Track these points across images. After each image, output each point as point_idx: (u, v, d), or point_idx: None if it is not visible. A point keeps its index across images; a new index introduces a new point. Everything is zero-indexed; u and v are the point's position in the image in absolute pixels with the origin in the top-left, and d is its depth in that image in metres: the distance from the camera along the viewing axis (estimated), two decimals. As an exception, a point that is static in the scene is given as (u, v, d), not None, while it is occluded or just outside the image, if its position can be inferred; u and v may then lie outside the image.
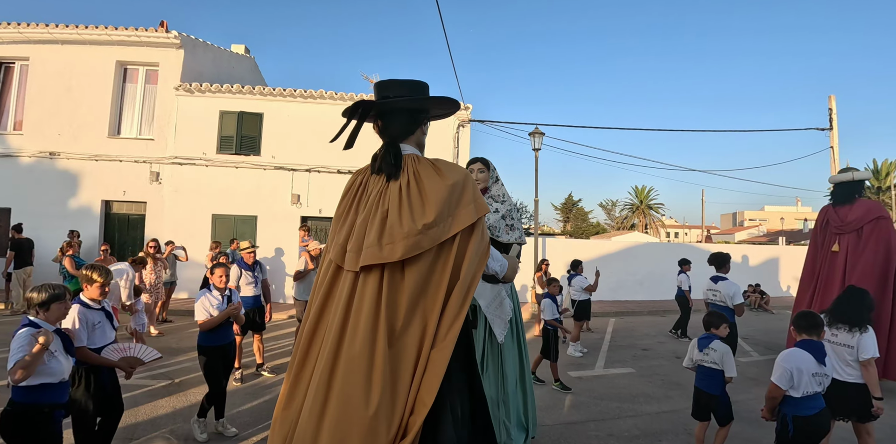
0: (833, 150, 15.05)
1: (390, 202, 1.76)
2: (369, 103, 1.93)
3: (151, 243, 8.07)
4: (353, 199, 1.95)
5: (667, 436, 4.24)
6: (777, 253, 17.02)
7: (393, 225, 1.69)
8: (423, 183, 1.77)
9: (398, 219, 1.70)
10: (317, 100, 11.96)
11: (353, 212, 1.90)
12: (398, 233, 1.67)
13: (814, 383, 2.76)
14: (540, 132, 11.39)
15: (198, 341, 3.96)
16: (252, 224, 11.65)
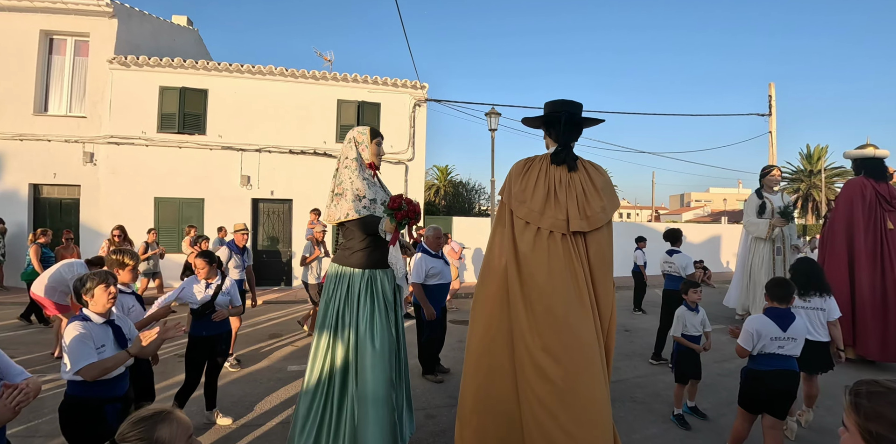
0: (771, 134, 15.89)
1: (578, 189, 2.61)
2: (575, 116, 2.77)
3: (116, 232, 7.37)
4: (540, 180, 2.65)
5: (615, 404, 4.41)
6: (719, 231, 18.00)
7: (587, 206, 2.57)
8: (594, 177, 2.68)
9: (588, 202, 2.58)
10: (266, 76, 11.42)
11: (546, 190, 2.61)
12: (592, 210, 2.56)
13: (773, 345, 3.00)
14: (496, 113, 11.38)
15: (190, 331, 3.68)
16: (199, 207, 11.13)
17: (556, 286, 2.47)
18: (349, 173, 3.11)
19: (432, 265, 4.90)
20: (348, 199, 3.04)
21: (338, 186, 3.10)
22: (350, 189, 3.06)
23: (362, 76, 11.93)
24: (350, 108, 11.92)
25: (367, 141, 3.20)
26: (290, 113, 11.59)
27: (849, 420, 1.01)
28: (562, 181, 2.63)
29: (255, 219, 11.49)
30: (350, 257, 3.07)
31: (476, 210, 35.03)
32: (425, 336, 5.00)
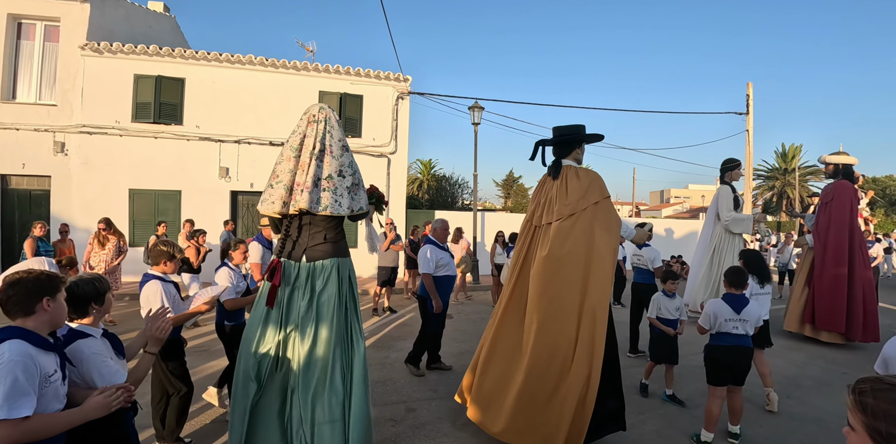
0: (749, 133, 16.21)
1: (553, 192, 3.52)
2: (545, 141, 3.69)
3: (101, 225, 7.06)
4: (540, 189, 3.72)
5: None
6: (697, 227, 18.31)
7: (553, 204, 3.46)
8: (568, 183, 3.46)
9: (555, 201, 3.45)
10: (246, 66, 11.18)
11: (540, 196, 3.65)
12: (557, 207, 3.41)
13: (728, 325, 3.46)
14: (479, 107, 11.35)
15: (225, 321, 3.85)
16: (175, 200, 10.88)
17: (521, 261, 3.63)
18: (352, 158, 2.95)
19: (441, 256, 4.96)
20: (364, 188, 3.01)
21: (353, 176, 2.89)
22: (361, 179, 2.97)
23: (345, 68, 11.76)
24: (332, 99, 11.75)
25: None
26: (270, 104, 11.37)
27: (854, 420, 0.97)
28: (546, 188, 3.64)
29: (233, 212, 11.29)
30: (346, 249, 3.06)
31: (459, 204, 35.05)
32: (430, 328, 5.00)
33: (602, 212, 3.34)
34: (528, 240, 3.60)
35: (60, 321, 1.83)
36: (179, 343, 3.36)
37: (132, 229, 10.60)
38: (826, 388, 4.96)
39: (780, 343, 6.50)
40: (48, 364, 1.67)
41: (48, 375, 1.66)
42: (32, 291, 1.70)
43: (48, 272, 1.78)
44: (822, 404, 4.48)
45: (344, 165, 2.88)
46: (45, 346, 1.69)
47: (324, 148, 2.85)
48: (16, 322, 1.70)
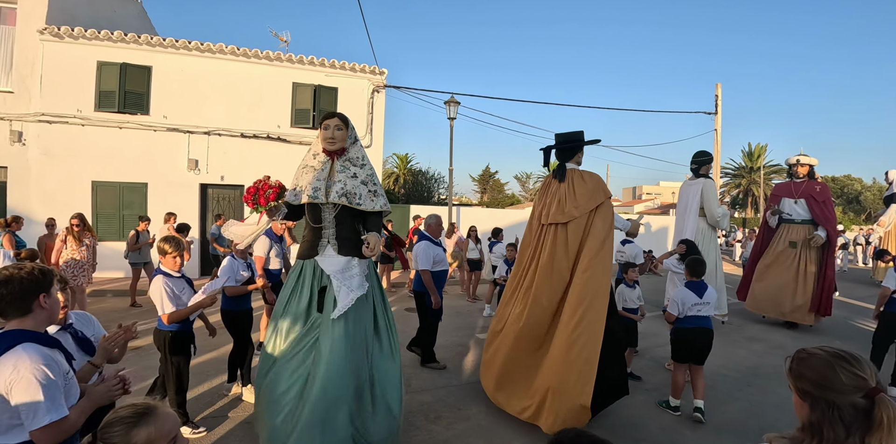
0: (717, 132, 16.69)
1: (561, 194, 3.86)
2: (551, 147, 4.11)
3: (75, 222, 6.59)
4: (545, 190, 4.06)
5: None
6: (667, 223, 18.80)
7: (564, 205, 3.79)
8: (575, 186, 3.83)
9: (565, 202, 3.79)
10: (216, 55, 10.86)
11: (547, 197, 3.99)
12: (566, 208, 3.76)
13: (693, 309, 3.93)
14: (455, 101, 11.34)
15: (230, 307, 4.10)
16: (142, 193, 10.53)
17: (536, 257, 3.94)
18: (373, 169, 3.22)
19: (437, 252, 5.00)
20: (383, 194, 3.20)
21: (374, 184, 3.12)
22: (380, 185, 3.22)
23: (319, 59, 11.56)
24: (306, 91, 11.55)
25: None
26: (242, 95, 11.10)
27: (789, 382, 1.24)
28: (552, 190, 3.99)
29: (203, 205, 10.99)
30: None
31: (435, 199, 35.05)
32: (429, 323, 5.03)
33: (606, 210, 3.82)
34: (539, 238, 3.98)
35: (56, 318, 1.77)
36: (188, 338, 3.45)
37: (95, 223, 10.20)
38: (783, 375, 5.17)
39: (742, 335, 6.77)
40: (62, 362, 1.64)
41: (65, 372, 1.63)
42: (27, 288, 1.59)
43: (40, 266, 1.69)
44: (782, 390, 4.68)
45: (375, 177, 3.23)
46: (52, 344, 1.65)
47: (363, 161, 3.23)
48: (12, 323, 1.60)
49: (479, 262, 9.23)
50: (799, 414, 1.22)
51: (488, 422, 3.76)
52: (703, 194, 7.13)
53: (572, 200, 3.79)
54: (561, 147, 4.05)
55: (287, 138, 11.31)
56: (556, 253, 3.76)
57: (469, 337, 6.39)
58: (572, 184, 3.85)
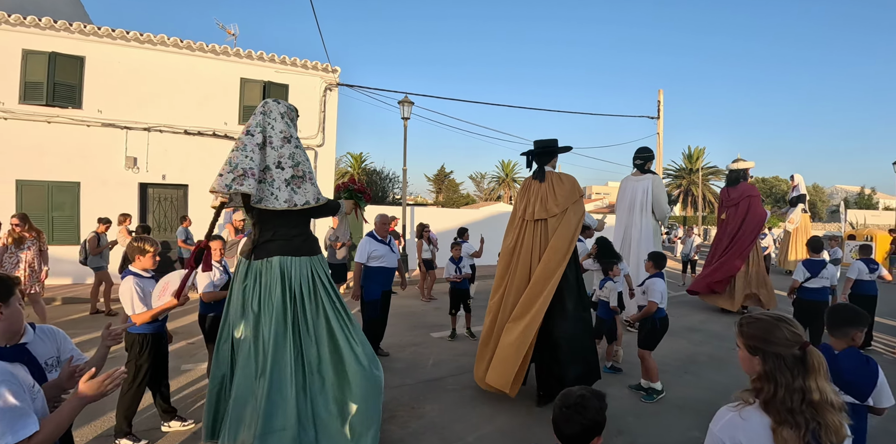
0: (659, 135, 17.57)
1: (542, 193, 4.31)
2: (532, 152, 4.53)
3: (15, 221, 6.05)
4: (526, 191, 4.49)
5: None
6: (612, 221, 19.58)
7: (546, 203, 4.25)
8: (555, 186, 4.29)
9: (547, 200, 4.25)
10: (157, 46, 10.31)
11: (527, 196, 4.42)
12: (548, 206, 4.22)
13: (665, 300, 4.41)
14: (409, 101, 11.33)
15: (206, 312, 4.09)
16: (73, 192, 9.83)
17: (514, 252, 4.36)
18: (303, 154, 2.96)
19: (375, 248, 5.14)
20: (314, 182, 2.97)
21: (294, 168, 2.86)
22: (309, 172, 2.94)
23: (269, 54, 11.23)
24: (255, 87, 11.18)
25: (296, 120, 3.12)
26: (185, 89, 10.60)
27: (738, 341, 1.54)
28: (534, 189, 4.42)
29: (143, 206, 10.40)
30: (304, 246, 3.02)
31: (390, 199, 34.83)
32: (364, 317, 5.15)
33: (579, 206, 4.35)
34: (520, 231, 4.39)
35: (19, 328, 1.64)
36: (161, 339, 3.45)
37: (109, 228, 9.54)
38: (719, 363, 5.56)
39: (682, 326, 7.17)
40: (25, 377, 1.51)
41: (30, 386, 1.51)
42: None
43: None
44: (715, 376, 5.03)
45: (283, 157, 2.86)
46: (12, 357, 1.53)
47: (262, 141, 2.86)
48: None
49: (431, 262, 9.29)
50: (746, 368, 1.51)
51: (442, 419, 3.81)
52: (654, 191, 7.17)
53: (553, 198, 4.26)
54: (540, 152, 4.49)
55: (235, 136, 10.90)
56: (537, 245, 4.25)
57: (423, 336, 6.42)
58: (552, 184, 4.33)
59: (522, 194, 4.52)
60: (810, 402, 1.33)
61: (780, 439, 1.31)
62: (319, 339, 2.96)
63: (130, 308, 3.14)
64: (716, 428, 1.46)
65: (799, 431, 1.30)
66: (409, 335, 6.44)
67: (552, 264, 4.08)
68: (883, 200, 42.82)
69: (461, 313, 6.52)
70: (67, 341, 1.95)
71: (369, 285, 5.09)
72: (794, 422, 1.31)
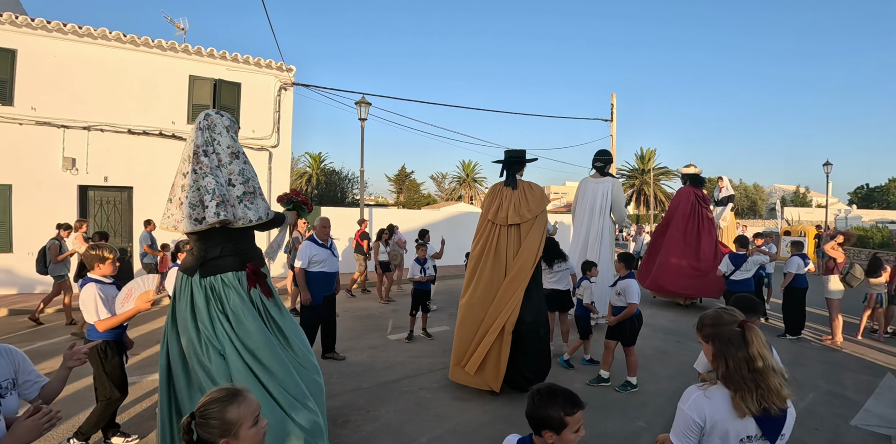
0: (612, 137, 18.18)
1: (515, 200, 4.68)
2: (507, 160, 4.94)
3: None
4: (497, 196, 4.82)
5: (469, 382, 4.78)
6: (568, 221, 20.13)
7: (519, 209, 4.63)
8: (527, 194, 4.70)
9: (520, 207, 4.64)
10: (98, 40, 9.79)
11: (499, 202, 4.75)
12: (521, 212, 4.61)
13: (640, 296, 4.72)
14: (366, 102, 11.26)
15: None
16: (4, 196, 9.17)
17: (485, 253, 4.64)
18: (251, 168, 2.92)
19: (316, 253, 5.07)
20: (263, 196, 2.92)
21: (245, 184, 2.83)
22: (258, 186, 2.91)
23: (220, 51, 10.87)
24: (204, 85, 10.81)
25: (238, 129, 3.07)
26: (129, 86, 10.10)
27: (699, 337, 1.80)
28: (506, 195, 4.76)
29: (83, 209, 9.84)
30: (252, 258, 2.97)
31: (350, 199, 34.39)
32: (304, 321, 5.04)
33: (545, 214, 4.78)
34: (493, 234, 4.71)
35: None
36: (121, 346, 3.37)
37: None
38: (664, 355, 5.85)
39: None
40: None
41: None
42: None
43: None
44: (660, 369, 5.29)
45: (233, 173, 2.82)
46: None
47: (219, 161, 2.83)
48: None
49: (388, 264, 9.28)
50: (708, 356, 1.75)
51: (397, 421, 3.84)
52: (613, 194, 7.33)
53: (526, 205, 4.65)
54: (514, 162, 4.89)
55: (183, 136, 10.49)
56: (511, 246, 4.61)
57: (381, 339, 6.42)
58: (524, 192, 4.73)
59: (491, 200, 4.83)
60: (756, 369, 1.57)
61: (737, 403, 1.56)
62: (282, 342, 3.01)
63: (95, 315, 3.11)
64: (684, 406, 1.65)
65: (751, 394, 1.55)
66: (367, 338, 6.42)
67: (528, 263, 4.47)
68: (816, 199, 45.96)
69: (420, 313, 6.55)
70: (26, 363, 1.83)
71: (311, 291, 4.99)
72: (747, 387, 1.56)
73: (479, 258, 4.68)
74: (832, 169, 20.52)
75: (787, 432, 1.62)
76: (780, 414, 1.58)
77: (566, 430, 1.55)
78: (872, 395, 4.73)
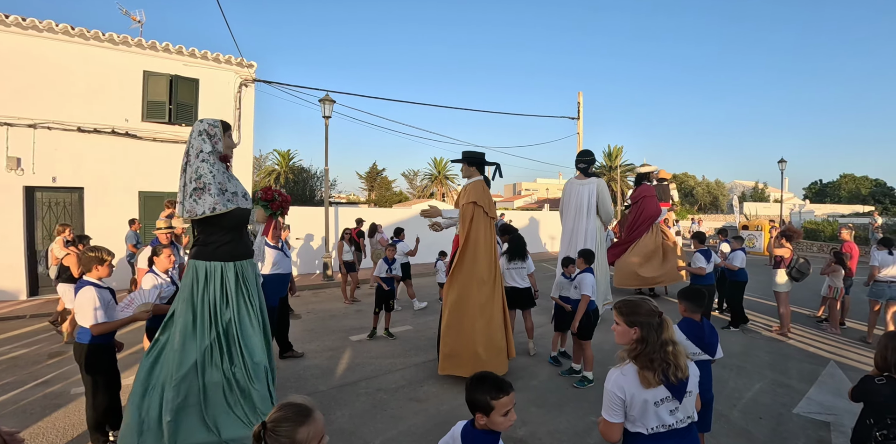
0: (579, 135, 18.46)
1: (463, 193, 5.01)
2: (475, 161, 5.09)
3: None
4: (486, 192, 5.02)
5: (428, 381, 4.78)
6: (538, 217, 20.39)
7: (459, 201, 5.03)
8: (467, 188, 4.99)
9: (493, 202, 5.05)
10: (43, 33, 9.28)
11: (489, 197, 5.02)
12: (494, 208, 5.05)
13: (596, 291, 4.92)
14: (330, 99, 11.08)
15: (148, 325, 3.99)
16: (-58, 196, 8.66)
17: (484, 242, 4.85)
18: (208, 167, 3.15)
19: (273, 255, 5.12)
20: (213, 193, 3.10)
21: (196, 181, 3.10)
22: (213, 183, 3.12)
23: (176, 46, 10.50)
24: (160, 81, 10.42)
25: (221, 134, 3.27)
26: (79, 82, 9.64)
27: (617, 318, 2.05)
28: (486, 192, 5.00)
29: (29, 212, 9.33)
30: (217, 252, 3.20)
31: (318, 198, 33.90)
32: None
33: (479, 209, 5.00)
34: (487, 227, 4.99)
35: None
36: (110, 351, 3.38)
37: None
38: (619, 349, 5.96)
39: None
40: None
41: None
42: None
43: None
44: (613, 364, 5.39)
45: (193, 172, 3.12)
46: None
47: (186, 160, 3.17)
48: None
49: (353, 264, 9.19)
50: (622, 340, 2.03)
51: (351, 425, 3.80)
52: (600, 194, 7.45)
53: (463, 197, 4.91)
54: (458, 161, 5.09)
55: (137, 134, 10.10)
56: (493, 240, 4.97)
57: (342, 340, 6.34)
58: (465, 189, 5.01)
59: (485, 193, 4.97)
60: (670, 352, 1.89)
61: (643, 377, 1.87)
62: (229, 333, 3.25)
63: (92, 319, 3.16)
64: (608, 385, 1.93)
65: (654, 372, 1.86)
66: (328, 339, 6.33)
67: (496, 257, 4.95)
68: (773, 194, 47.85)
69: (384, 313, 6.52)
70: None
71: (266, 293, 4.91)
72: (651, 366, 1.87)
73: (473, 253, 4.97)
74: (787, 166, 21.41)
75: (692, 388, 1.96)
76: (683, 379, 1.91)
77: (493, 413, 1.71)
78: (815, 383, 4.95)
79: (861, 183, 49.61)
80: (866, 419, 2.47)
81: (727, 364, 5.37)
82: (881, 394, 2.42)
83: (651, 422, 1.88)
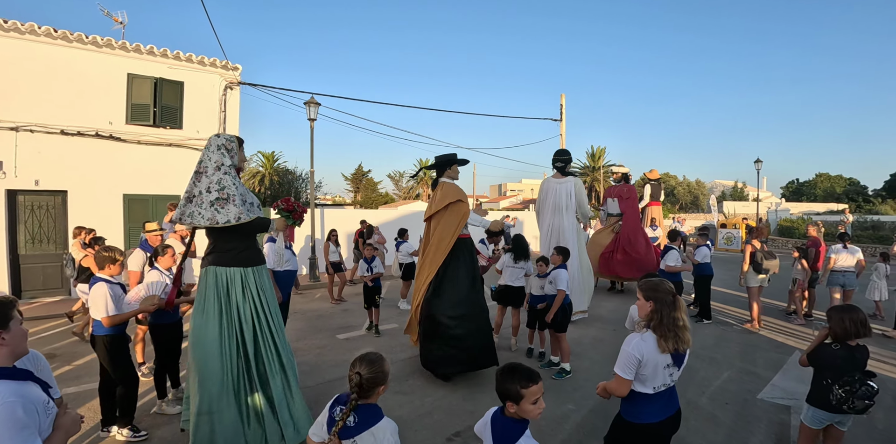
0: (562, 136, 18.79)
1: (433, 197, 5.29)
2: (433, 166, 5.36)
3: None
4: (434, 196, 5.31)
5: (413, 376, 4.96)
6: (523, 217, 20.67)
7: (432, 204, 5.24)
8: (440, 191, 5.16)
9: (435, 202, 5.18)
10: (25, 35, 9.23)
11: None
12: (433, 207, 5.21)
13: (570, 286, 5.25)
14: (316, 102, 11.19)
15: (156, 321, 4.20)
16: (-78, 199, 8.58)
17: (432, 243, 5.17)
18: (231, 179, 3.37)
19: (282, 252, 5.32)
20: (237, 203, 3.31)
21: (220, 191, 3.31)
22: (236, 194, 3.35)
23: (160, 49, 10.50)
24: (144, 84, 10.42)
25: (237, 148, 3.50)
26: (61, 85, 9.60)
27: (639, 293, 2.44)
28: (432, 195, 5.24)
29: (11, 215, 9.27)
30: (238, 258, 3.41)
31: (304, 200, 33.80)
32: None
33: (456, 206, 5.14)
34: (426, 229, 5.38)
35: (24, 349, 1.68)
36: (123, 341, 3.63)
37: None
38: (600, 344, 6.22)
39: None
40: (39, 394, 1.56)
41: (45, 403, 1.56)
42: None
43: None
44: (595, 355, 5.64)
45: (212, 182, 3.32)
46: (22, 377, 1.55)
47: (199, 170, 3.35)
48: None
49: (339, 264, 9.32)
50: (642, 311, 2.39)
51: (339, 416, 3.95)
52: (577, 193, 7.54)
53: (437, 200, 5.09)
54: (432, 166, 5.31)
55: (121, 137, 10.09)
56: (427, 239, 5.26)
57: (329, 339, 6.49)
58: (441, 191, 5.14)
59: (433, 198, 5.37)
60: (679, 326, 2.27)
61: (662, 344, 2.24)
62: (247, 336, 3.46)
63: (104, 311, 3.44)
64: (628, 348, 2.27)
65: (669, 341, 2.24)
66: (314, 338, 6.47)
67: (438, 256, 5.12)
68: (752, 193, 48.95)
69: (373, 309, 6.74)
70: (47, 370, 1.93)
71: (280, 289, 5.17)
72: (668, 335, 2.25)
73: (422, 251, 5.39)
74: (765, 166, 22.08)
75: (685, 361, 2.37)
76: (684, 352, 2.33)
77: (523, 401, 1.82)
78: (780, 371, 5.25)
79: (836, 182, 51.02)
80: (822, 381, 2.82)
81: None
82: (838, 357, 2.80)
83: (658, 382, 2.29)
